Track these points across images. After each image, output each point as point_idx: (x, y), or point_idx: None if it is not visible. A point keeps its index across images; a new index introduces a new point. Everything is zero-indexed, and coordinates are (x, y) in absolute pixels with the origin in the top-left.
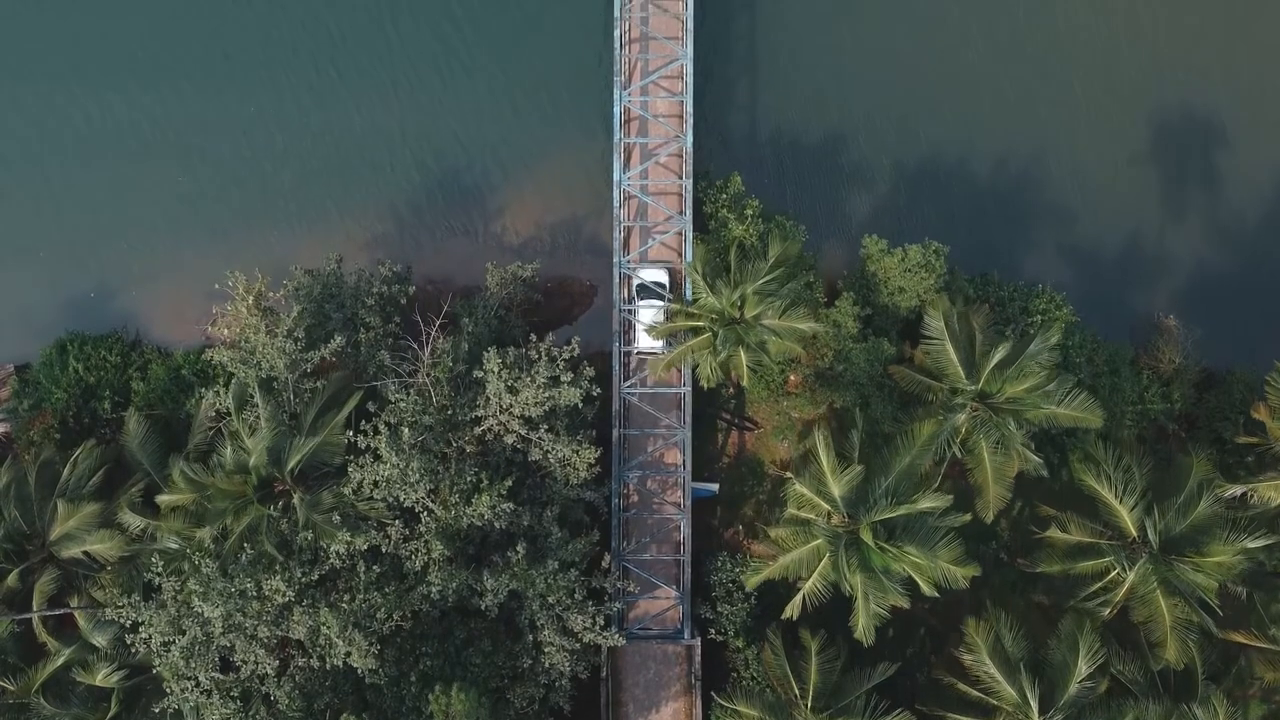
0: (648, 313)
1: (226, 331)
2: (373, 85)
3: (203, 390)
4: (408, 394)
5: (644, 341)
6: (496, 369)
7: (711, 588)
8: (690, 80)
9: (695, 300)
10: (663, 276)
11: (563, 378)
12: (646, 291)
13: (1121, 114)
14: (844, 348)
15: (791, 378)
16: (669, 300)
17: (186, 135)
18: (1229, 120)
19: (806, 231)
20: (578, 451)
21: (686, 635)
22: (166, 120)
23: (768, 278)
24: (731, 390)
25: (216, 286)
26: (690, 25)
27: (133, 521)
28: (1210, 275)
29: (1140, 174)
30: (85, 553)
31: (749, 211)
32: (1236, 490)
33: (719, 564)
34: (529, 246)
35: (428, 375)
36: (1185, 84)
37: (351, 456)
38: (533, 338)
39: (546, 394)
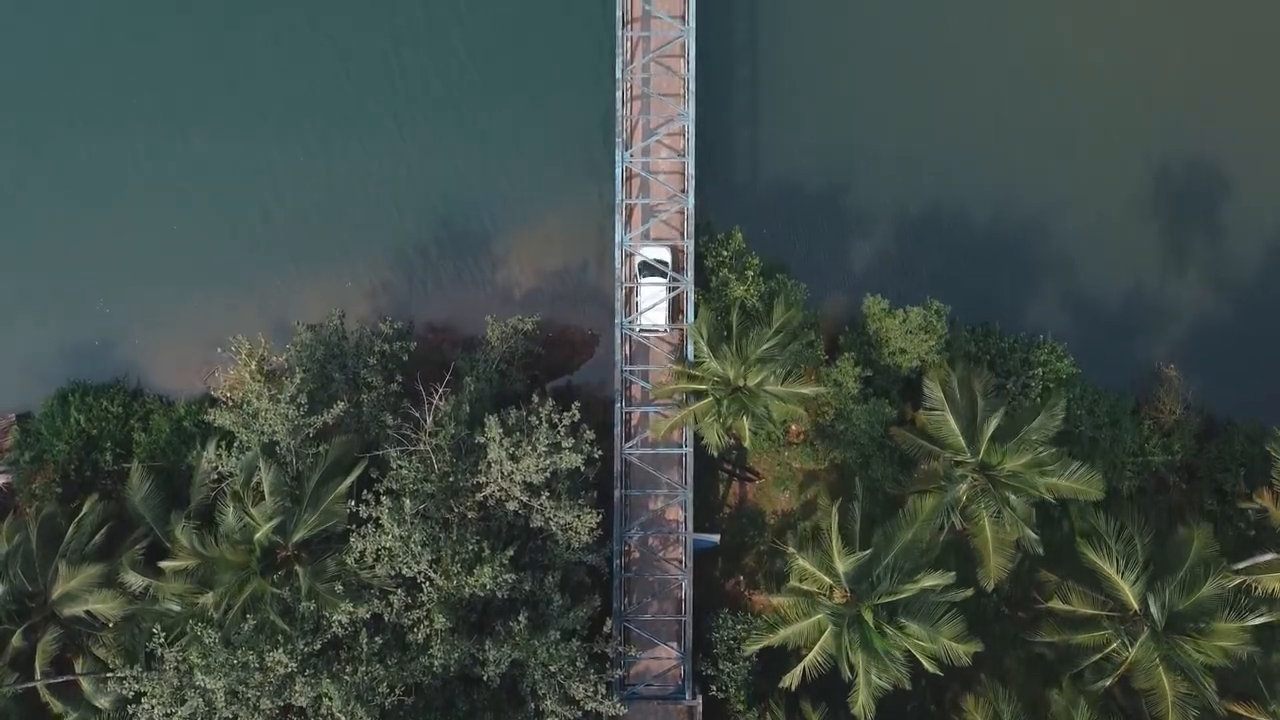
0: (650, 290)
1: (229, 394)
2: (378, 131)
3: (202, 448)
4: (409, 461)
5: (647, 319)
6: (498, 437)
7: (713, 644)
8: (692, 141)
9: (698, 363)
10: (665, 254)
11: (564, 444)
12: (649, 269)
13: (1126, 161)
14: (845, 407)
15: (793, 427)
16: (670, 277)
17: (189, 181)
18: (1232, 168)
19: (808, 290)
20: (579, 516)
21: (688, 696)
22: (169, 166)
23: (770, 343)
24: (733, 441)
25: (220, 351)
26: (693, 86)
27: (135, 581)
28: (1211, 324)
29: (1142, 222)
30: (87, 611)
31: (750, 271)
32: (1239, 580)
33: (720, 621)
34: (530, 295)
35: (429, 442)
36: (1189, 132)
37: (353, 526)
38: (534, 400)
39: (548, 460)
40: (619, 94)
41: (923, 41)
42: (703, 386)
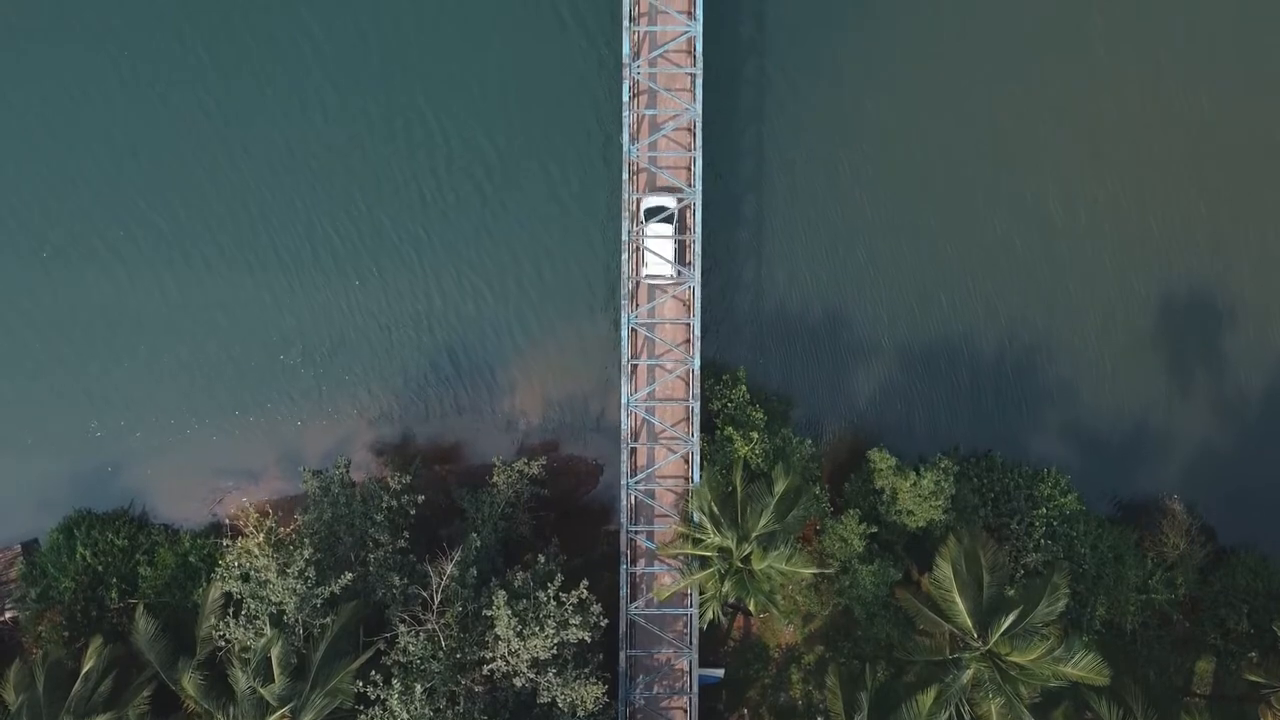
0: (657, 243)
1: (238, 565)
2: (398, 262)
3: (208, 583)
4: (417, 638)
5: (654, 268)
6: (507, 618)
7: None
8: (698, 304)
9: (701, 530)
10: (670, 201)
11: (571, 620)
12: (654, 214)
13: (1130, 291)
14: (850, 565)
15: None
16: (679, 198)
17: (200, 312)
18: (1235, 298)
19: (813, 445)
20: (585, 688)
21: None
22: (179, 296)
23: (770, 515)
24: None
25: (229, 523)
26: (698, 256)
27: None
28: (1216, 452)
29: (1147, 352)
30: None
31: (754, 433)
32: None
33: None
34: (536, 424)
35: (437, 622)
36: (1194, 262)
37: (361, 707)
38: (541, 559)
39: (555, 639)
40: (624, 255)
41: (925, 177)
42: (708, 553)
